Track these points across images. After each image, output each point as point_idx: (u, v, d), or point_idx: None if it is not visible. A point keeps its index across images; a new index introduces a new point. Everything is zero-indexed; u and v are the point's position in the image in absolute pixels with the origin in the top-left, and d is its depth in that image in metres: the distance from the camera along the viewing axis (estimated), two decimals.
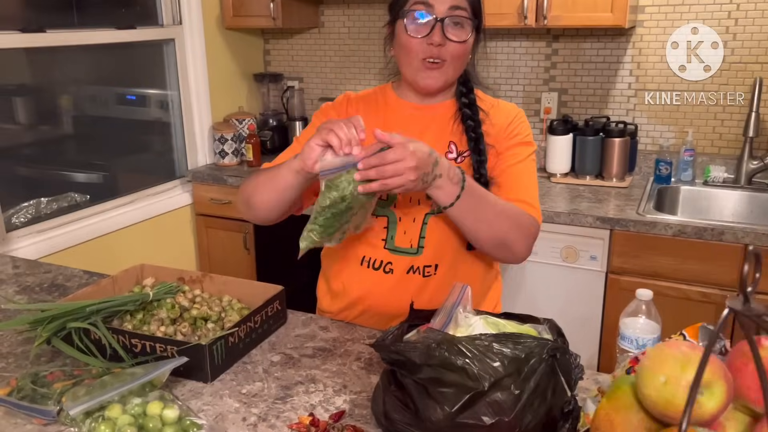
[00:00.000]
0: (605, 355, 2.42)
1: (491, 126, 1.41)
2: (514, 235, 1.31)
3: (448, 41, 1.31)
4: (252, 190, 1.36)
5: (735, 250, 2.14)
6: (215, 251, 3.10)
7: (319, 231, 1.24)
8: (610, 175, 2.67)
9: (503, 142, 1.40)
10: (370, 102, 1.47)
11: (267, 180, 1.32)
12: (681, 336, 1.02)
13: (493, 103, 1.45)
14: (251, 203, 1.38)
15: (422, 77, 1.35)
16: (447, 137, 1.42)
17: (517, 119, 1.44)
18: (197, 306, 1.48)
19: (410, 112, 1.43)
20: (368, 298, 1.46)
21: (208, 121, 3.18)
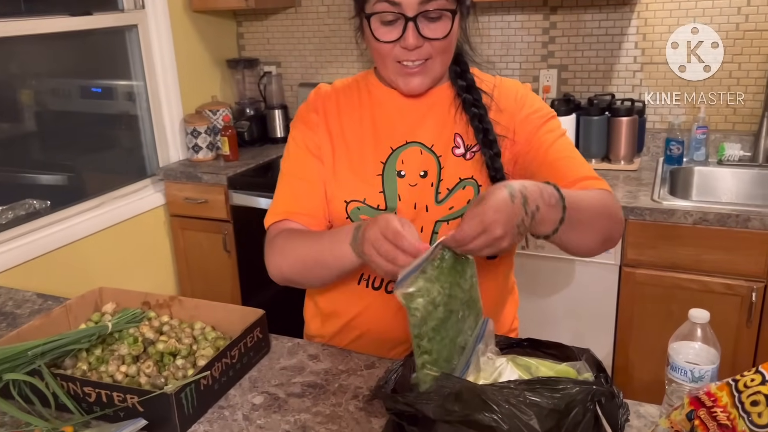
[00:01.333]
0: (620, 354, 2.23)
1: (499, 113, 1.19)
2: (613, 225, 1.11)
3: (426, 40, 1.09)
4: (298, 273, 1.19)
5: (762, 238, 1.95)
6: (193, 254, 2.87)
7: (433, 359, 0.92)
8: (617, 158, 2.46)
9: (524, 128, 1.18)
10: (352, 94, 1.24)
11: (317, 265, 1.14)
12: (759, 375, 0.82)
13: (495, 83, 1.23)
14: (298, 282, 1.23)
15: (403, 82, 1.14)
16: (450, 129, 1.20)
17: (524, 98, 1.21)
18: (164, 339, 1.27)
19: (400, 103, 1.20)
20: (367, 321, 1.25)
21: (179, 113, 2.93)
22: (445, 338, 0.93)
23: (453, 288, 0.91)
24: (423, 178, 1.17)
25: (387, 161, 1.18)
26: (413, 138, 1.19)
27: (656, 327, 2.16)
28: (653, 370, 2.20)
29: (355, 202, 1.18)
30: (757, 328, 2.03)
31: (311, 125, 1.23)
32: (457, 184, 1.17)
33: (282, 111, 3.14)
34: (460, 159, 1.18)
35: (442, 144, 1.19)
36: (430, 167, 1.18)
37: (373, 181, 1.18)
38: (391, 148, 1.19)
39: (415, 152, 1.19)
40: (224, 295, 2.82)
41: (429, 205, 1.17)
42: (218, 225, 2.75)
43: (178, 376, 1.18)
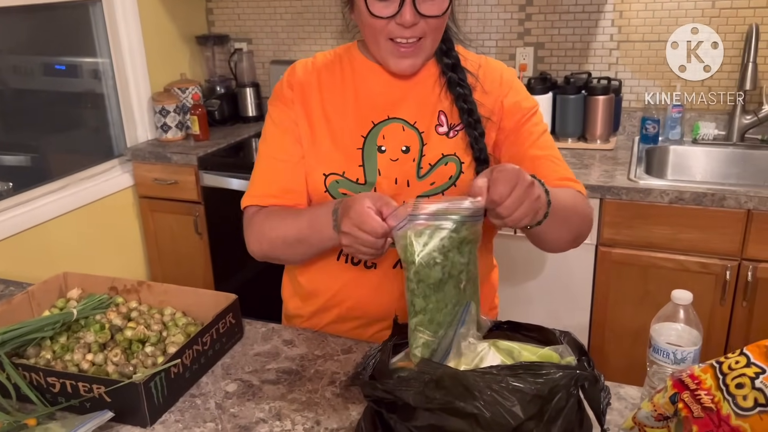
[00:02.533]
0: (596, 334, 2.24)
1: (484, 94, 1.17)
2: (585, 225, 1.16)
3: (423, 18, 1.04)
4: (280, 250, 1.19)
5: (737, 217, 1.96)
6: (163, 237, 2.80)
7: (426, 320, 0.90)
8: (593, 137, 2.45)
9: (510, 117, 1.17)
10: (334, 68, 1.20)
11: (300, 243, 1.14)
12: (743, 357, 0.81)
13: (480, 62, 1.20)
14: (278, 259, 1.23)
15: (395, 62, 1.11)
16: (434, 106, 1.17)
17: (510, 82, 1.20)
18: (132, 325, 1.22)
19: (385, 78, 1.17)
20: (346, 299, 1.23)
21: (147, 91, 2.84)
22: (440, 302, 0.90)
23: (455, 255, 0.89)
24: (405, 154, 1.15)
25: (368, 135, 1.15)
26: (395, 114, 1.16)
27: (632, 306, 2.16)
28: (628, 348, 2.21)
29: (334, 175, 1.15)
30: (731, 306, 2.04)
31: (286, 102, 1.19)
32: (439, 159, 1.15)
33: (253, 89, 3.07)
34: (443, 137, 1.16)
35: (425, 121, 1.16)
36: (413, 143, 1.15)
37: (353, 155, 1.15)
38: (372, 123, 1.15)
39: (396, 128, 1.15)
40: (196, 279, 2.77)
41: (410, 180, 1.15)
42: (189, 207, 2.68)
43: (148, 364, 1.14)
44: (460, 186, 1.15)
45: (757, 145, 2.36)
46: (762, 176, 2.32)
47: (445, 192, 1.15)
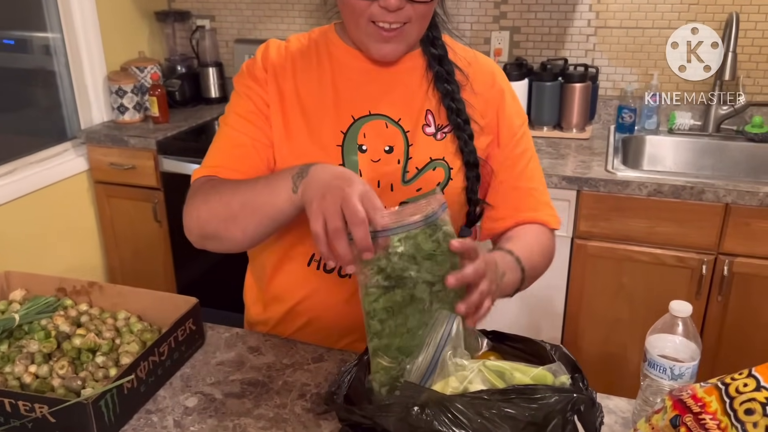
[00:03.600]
0: (569, 327, 2.20)
1: (473, 95, 1.08)
2: (547, 267, 1.14)
3: (409, 2, 0.95)
4: (219, 220, 0.98)
5: (715, 210, 1.92)
6: (121, 225, 2.66)
7: (384, 345, 0.82)
8: (569, 125, 2.39)
9: (503, 131, 1.11)
10: (309, 54, 1.09)
11: (246, 209, 0.95)
12: (752, 379, 0.75)
13: (470, 59, 1.11)
14: (216, 235, 1.00)
15: (375, 47, 1.00)
16: (420, 103, 1.07)
17: (502, 88, 1.13)
18: (82, 332, 1.12)
19: (365, 67, 1.06)
20: (315, 308, 1.13)
21: (102, 70, 2.68)
22: (401, 326, 0.81)
23: (424, 273, 0.79)
24: (388, 154, 1.05)
25: (347, 132, 1.05)
26: (378, 110, 1.05)
27: (606, 300, 2.12)
28: (602, 342, 2.17)
29: None
30: (706, 300, 2.02)
31: (259, 81, 1.06)
32: (427, 164, 1.06)
33: (216, 69, 2.92)
34: (431, 138, 1.07)
35: (411, 119, 1.06)
36: (397, 143, 1.05)
37: (332, 152, 1.04)
38: (352, 117, 1.05)
39: (379, 126, 1.05)
40: (155, 269, 2.64)
41: (395, 184, 1.05)
42: (147, 193, 2.55)
43: (98, 377, 1.03)
44: (448, 194, 1.06)
45: (732, 136, 2.33)
46: (736, 168, 2.29)
47: None
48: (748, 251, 1.93)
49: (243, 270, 1.28)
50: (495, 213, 1.14)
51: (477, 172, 1.08)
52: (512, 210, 1.13)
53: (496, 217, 1.14)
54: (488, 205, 1.13)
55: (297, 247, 1.09)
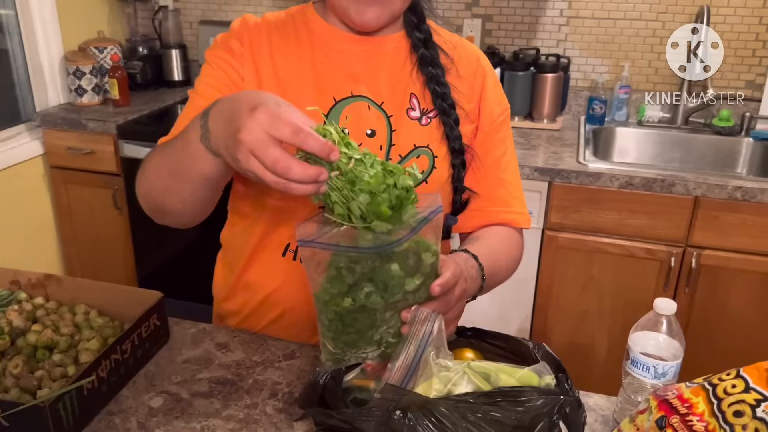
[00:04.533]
0: (539, 318, 2.19)
1: (458, 79, 1.04)
2: (513, 272, 1.11)
3: None
4: (157, 192, 0.90)
5: (684, 203, 1.93)
6: (78, 212, 2.56)
7: (331, 337, 0.80)
8: (540, 116, 2.38)
9: (485, 118, 1.08)
10: (287, 30, 1.03)
11: (173, 176, 0.85)
12: (741, 380, 0.73)
13: (455, 43, 1.07)
14: (163, 209, 0.93)
15: (356, 10, 0.94)
16: (405, 87, 1.03)
17: (485, 73, 1.09)
18: (38, 328, 1.05)
19: (347, 47, 1.01)
20: (289, 299, 1.08)
21: (59, 50, 2.56)
22: (349, 327, 0.79)
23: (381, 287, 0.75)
24: (370, 138, 1.00)
25: (329, 114, 0.99)
26: (360, 91, 1.01)
27: (575, 291, 2.12)
28: (571, 334, 2.18)
29: None
30: (674, 293, 2.03)
31: (235, 54, 0.99)
32: (411, 151, 1.01)
33: (180, 51, 2.82)
34: (415, 123, 1.02)
35: (394, 103, 1.01)
36: (379, 127, 1.01)
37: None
38: (333, 99, 1.00)
39: (361, 108, 1.00)
40: (115, 258, 2.55)
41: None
42: (107, 179, 2.45)
43: (56, 376, 0.97)
44: (432, 183, 1.02)
45: (700, 129, 2.34)
46: (703, 160, 2.31)
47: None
48: (716, 244, 1.95)
49: (207, 259, 1.22)
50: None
51: (462, 159, 1.04)
52: (483, 200, 1.09)
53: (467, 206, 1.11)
54: (474, 193, 1.09)
55: (271, 236, 1.04)
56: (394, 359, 0.76)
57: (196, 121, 0.77)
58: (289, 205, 1.00)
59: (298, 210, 1.00)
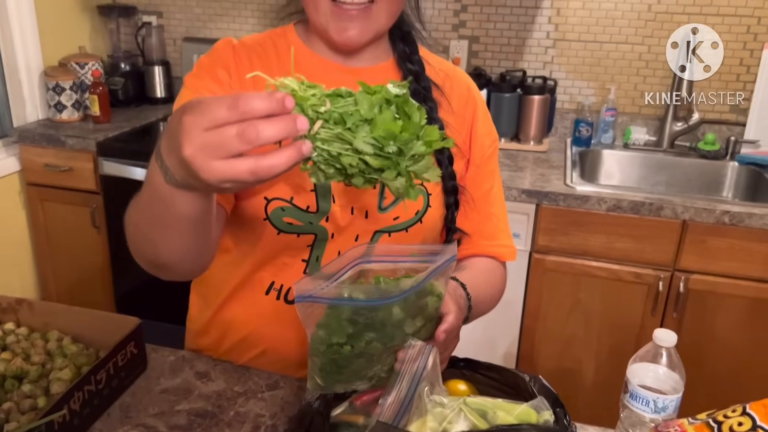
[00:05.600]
0: (525, 341, 2.16)
1: (450, 114, 1.02)
2: (492, 308, 1.11)
3: None
4: (149, 249, 0.80)
5: (672, 227, 1.92)
6: (55, 231, 2.49)
7: (320, 374, 0.77)
8: (527, 138, 2.37)
9: (475, 151, 1.05)
10: (269, 57, 0.96)
11: (154, 226, 0.74)
12: (747, 418, 0.70)
13: (446, 71, 1.04)
14: (160, 264, 0.82)
15: (338, 28, 0.89)
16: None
17: (475, 105, 1.06)
18: (7, 356, 1.00)
19: (336, 77, 0.95)
20: (271, 338, 1.03)
21: (39, 64, 2.51)
22: (343, 369, 0.76)
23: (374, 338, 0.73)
24: None
25: None
26: None
27: (562, 315, 2.10)
28: (557, 357, 2.14)
29: (278, 200, 0.92)
30: (661, 317, 2.01)
31: (223, 85, 0.92)
32: None
33: (163, 68, 2.78)
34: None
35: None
36: None
37: (303, 175, 0.93)
38: None
39: None
40: (91, 278, 2.48)
41: (370, 210, 0.96)
42: (85, 197, 2.39)
43: (25, 409, 0.92)
44: (426, 222, 0.99)
45: (685, 152, 2.35)
46: (689, 184, 2.31)
47: (409, 229, 0.98)
48: (704, 268, 1.94)
49: (187, 282, 1.17)
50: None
51: (456, 198, 1.01)
52: (470, 234, 1.08)
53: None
54: (466, 234, 1.06)
55: (255, 274, 0.99)
56: (386, 395, 0.73)
57: (153, 163, 0.66)
58: (276, 243, 0.95)
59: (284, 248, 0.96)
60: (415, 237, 0.99)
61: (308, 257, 0.97)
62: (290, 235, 0.93)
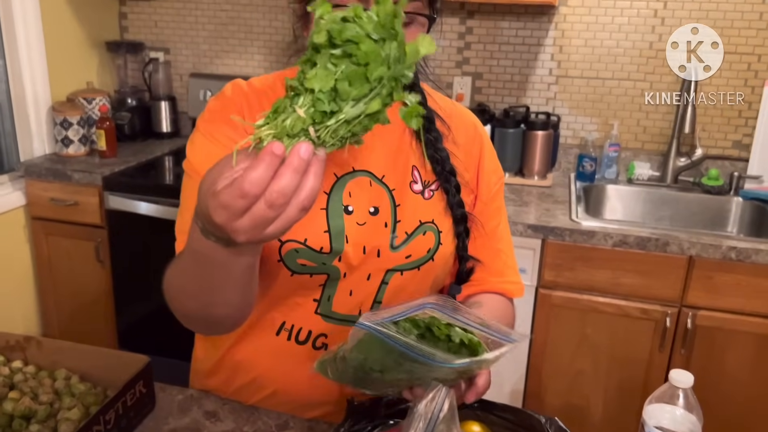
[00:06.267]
0: (532, 378, 2.14)
1: (455, 146, 1.02)
2: None
3: None
4: (204, 311, 0.83)
5: (679, 262, 1.92)
6: (59, 265, 2.48)
7: (335, 372, 0.83)
8: (531, 173, 2.38)
9: (482, 187, 1.06)
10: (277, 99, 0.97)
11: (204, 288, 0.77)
12: None
13: (450, 110, 1.06)
14: (214, 322, 0.86)
15: None
16: (405, 159, 1.00)
17: (482, 141, 1.07)
18: (15, 395, 0.99)
19: None
20: (282, 379, 1.02)
21: (47, 100, 2.53)
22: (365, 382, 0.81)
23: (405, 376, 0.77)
24: (373, 216, 0.96)
25: (331, 192, 0.94)
26: (361, 165, 0.96)
27: (569, 351, 2.08)
28: (565, 394, 2.12)
29: (292, 242, 0.91)
30: (669, 353, 2.00)
31: (236, 127, 0.90)
32: (417, 228, 0.97)
33: (169, 103, 2.81)
34: (418, 197, 0.99)
35: (396, 176, 0.98)
36: (382, 203, 0.96)
37: (316, 217, 0.93)
38: (335, 175, 0.95)
39: (363, 183, 0.96)
40: (95, 312, 2.47)
41: (382, 249, 0.96)
42: (90, 231, 2.39)
43: None
44: (438, 260, 0.99)
45: (689, 187, 2.35)
46: (693, 219, 2.32)
47: (421, 267, 0.98)
48: (711, 304, 1.93)
49: None
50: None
51: (466, 227, 1.02)
52: (480, 270, 1.08)
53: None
54: (479, 262, 1.06)
55: (266, 314, 0.98)
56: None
57: (202, 238, 0.69)
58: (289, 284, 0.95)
59: (297, 288, 0.95)
60: (427, 275, 0.99)
61: (320, 296, 0.96)
62: (303, 276, 0.93)
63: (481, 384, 0.81)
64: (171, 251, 0.89)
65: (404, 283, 0.98)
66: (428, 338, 0.76)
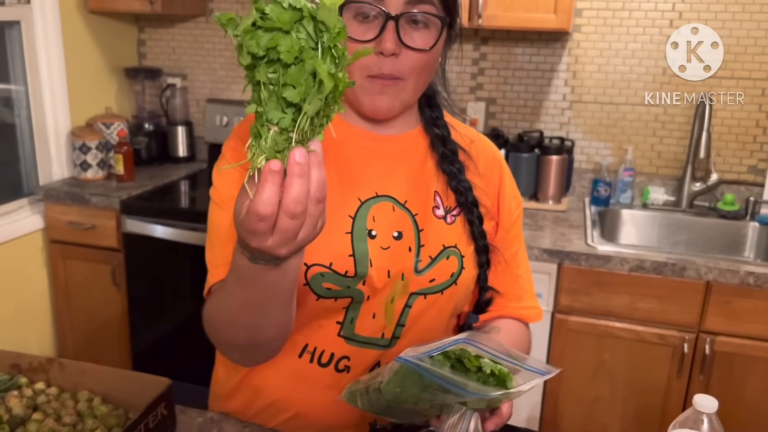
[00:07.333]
0: (549, 405, 2.12)
1: (477, 176, 1.03)
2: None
3: (406, 48, 0.89)
4: (250, 336, 0.86)
5: (696, 287, 1.91)
6: (75, 288, 2.50)
7: (365, 404, 0.86)
8: (545, 197, 2.38)
9: (503, 216, 1.06)
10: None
11: (262, 311, 0.81)
12: None
13: (471, 137, 1.07)
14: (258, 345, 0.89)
15: (369, 99, 0.92)
16: (427, 184, 1.01)
17: (502, 171, 1.09)
18: (38, 417, 1.00)
19: (367, 145, 0.98)
20: (303, 403, 1.02)
21: (66, 125, 2.57)
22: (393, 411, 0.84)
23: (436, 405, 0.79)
24: (397, 240, 0.96)
25: (356, 216, 0.95)
26: (384, 191, 0.97)
27: (586, 376, 2.06)
28: (582, 421, 2.10)
29: (318, 266, 0.92)
30: (687, 379, 1.98)
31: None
32: (440, 252, 0.98)
33: (186, 128, 2.85)
34: (441, 222, 1.00)
35: (418, 201, 0.99)
36: (406, 228, 0.97)
37: (341, 241, 0.94)
38: (359, 200, 0.96)
39: (386, 208, 0.97)
40: (109, 335, 2.48)
41: (406, 273, 0.96)
42: (107, 254, 2.41)
43: None
44: (461, 284, 1.00)
45: (705, 212, 2.35)
46: (709, 244, 2.31)
47: (444, 291, 0.98)
48: (729, 330, 1.91)
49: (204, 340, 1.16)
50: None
51: (488, 258, 1.02)
52: (499, 296, 1.08)
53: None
54: (498, 293, 1.07)
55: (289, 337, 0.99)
56: None
57: (249, 265, 0.73)
58: (314, 308, 0.95)
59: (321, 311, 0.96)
60: (449, 299, 1.00)
61: (343, 319, 0.96)
62: (328, 300, 0.94)
63: (506, 412, 0.82)
64: (186, 275, 0.91)
65: (427, 306, 0.98)
66: (459, 369, 0.78)
